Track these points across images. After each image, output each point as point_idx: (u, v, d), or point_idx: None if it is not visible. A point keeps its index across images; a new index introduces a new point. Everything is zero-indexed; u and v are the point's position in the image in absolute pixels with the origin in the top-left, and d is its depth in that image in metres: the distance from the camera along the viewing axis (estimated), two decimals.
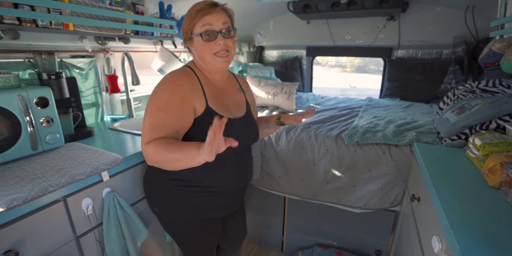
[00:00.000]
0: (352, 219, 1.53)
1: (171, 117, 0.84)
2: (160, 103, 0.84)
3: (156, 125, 0.83)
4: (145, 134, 0.84)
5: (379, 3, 2.03)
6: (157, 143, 0.81)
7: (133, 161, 1.11)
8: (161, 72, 1.75)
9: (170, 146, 0.79)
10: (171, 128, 0.84)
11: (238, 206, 1.15)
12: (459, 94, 1.57)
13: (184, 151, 0.77)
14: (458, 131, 1.22)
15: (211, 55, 0.87)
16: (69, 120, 1.20)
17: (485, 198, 0.77)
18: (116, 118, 1.57)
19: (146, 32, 1.55)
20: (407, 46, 2.38)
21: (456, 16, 2.05)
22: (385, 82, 2.51)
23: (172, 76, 0.89)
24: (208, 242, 1.10)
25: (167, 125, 0.84)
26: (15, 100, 0.90)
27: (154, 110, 0.84)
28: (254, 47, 2.89)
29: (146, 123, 0.85)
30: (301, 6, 2.28)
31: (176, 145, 0.79)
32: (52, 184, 0.80)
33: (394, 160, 1.32)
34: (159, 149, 0.79)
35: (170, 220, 1.04)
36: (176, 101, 0.84)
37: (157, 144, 0.81)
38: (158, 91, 0.86)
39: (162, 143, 0.80)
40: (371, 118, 1.70)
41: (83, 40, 1.33)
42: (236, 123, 0.94)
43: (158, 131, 0.83)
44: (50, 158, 0.96)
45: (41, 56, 1.16)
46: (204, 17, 0.83)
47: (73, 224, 0.90)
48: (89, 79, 1.47)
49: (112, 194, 1.01)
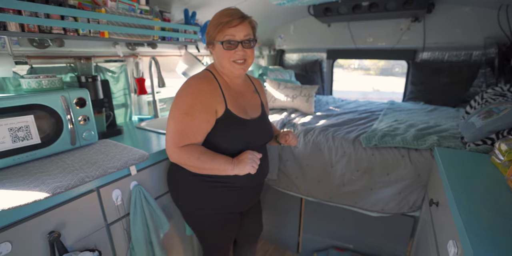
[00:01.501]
0: (369, 223, 1.51)
1: (196, 120, 0.90)
2: (185, 107, 0.90)
3: (183, 129, 0.90)
4: (174, 137, 0.91)
5: (402, 4, 1.99)
6: (190, 151, 0.90)
7: (158, 158, 1.19)
8: (185, 75, 1.85)
9: (202, 156, 0.90)
10: (198, 131, 0.92)
11: (256, 201, 1.21)
12: (488, 97, 1.50)
13: (215, 163, 0.90)
14: (483, 136, 1.18)
15: (229, 62, 0.94)
16: (102, 119, 1.31)
17: (507, 204, 0.75)
18: (143, 118, 1.68)
19: (172, 38, 1.65)
20: (433, 48, 2.30)
21: (487, 16, 1.96)
22: (408, 85, 2.44)
23: (193, 81, 0.95)
24: (226, 235, 1.16)
25: (194, 129, 0.91)
26: (59, 101, 1.02)
27: (180, 114, 0.90)
28: (274, 50, 2.93)
29: (173, 126, 0.91)
30: (322, 10, 2.29)
31: (208, 156, 0.90)
32: (88, 175, 0.89)
33: (414, 164, 1.29)
34: (191, 158, 0.90)
35: (191, 213, 1.11)
36: (199, 105, 0.90)
37: (189, 152, 0.90)
38: (182, 96, 0.93)
39: (195, 152, 0.90)
40: (392, 121, 1.67)
41: (115, 46, 1.45)
42: (252, 123, 1.01)
43: (187, 135, 0.91)
44: (86, 153, 1.07)
45: (80, 61, 1.29)
46: (229, 28, 0.89)
47: (104, 213, 1.00)
48: (120, 82, 1.59)
49: (139, 187, 1.10)
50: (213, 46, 0.96)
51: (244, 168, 0.91)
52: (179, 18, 1.81)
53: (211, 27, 0.94)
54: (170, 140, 0.92)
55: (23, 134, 0.94)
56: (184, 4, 1.76)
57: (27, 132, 0.95)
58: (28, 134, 0.95)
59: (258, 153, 0.95)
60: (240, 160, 0.92)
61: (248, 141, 0.99)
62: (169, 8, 1.71)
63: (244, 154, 0.93)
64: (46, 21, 1.05)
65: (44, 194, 0.76)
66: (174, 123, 0.91)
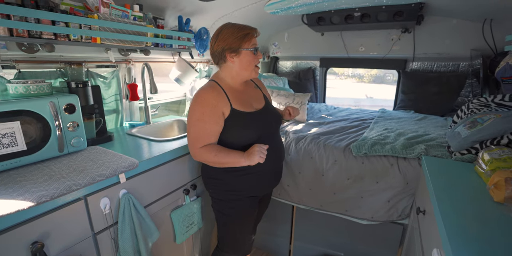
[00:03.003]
0: (360, 231, 1.52)
1: (208, 124, 1.08)
2: (197, 115, 1.08)
3: (199, 133, 1.09)
4: (193, 141, 1.11)
5: (392, 16, 2.05)
6: (208, 151, 1.09)
7: (148, 165, 1.18)
8: (178, 81, 1.85)
9: (219, 154, 1.09)
10: (211, 133, 1.10)
11: (276, 185, 1.36)
12: (474, 108, 1.55)
13: (230, 158, 1.10)
14: (468, 146, 1.21)
15: (253, 66, 1.15)
16: (92, 125, 1.30)
17: (489, 213, 0.77)
18: (134, 124, 1.67)
19: (166, 44, 1.65)
20: (423, 58, 2.36)
21: (473, 29, 2.03)
22: (399, 94, 2.49)
23: (200, 92, 1.12)
24: (248, 219, 1.28)
25: (207, 131, 1.09)
26: (47, 106, 1.00)
27: (194, 121, 1.09)
28: (268, 57, 2.97)
29: (191, 132, 1.10)
30: (315, 19, 2.33)
31: (224, 153, 1.10)
32: (76, 184, 0.88)
33: (402, 173, 1.31)
34: (210, 155, 1.09)
35: (219, 198, 1.25)
36: (208, 111, 1.07)
37: (207, 151, 1.09)
38: (193, 106, 1.10)
39: (212, 150, 1.09)
40: (382, 130, 1.70)
41: (108, 51, 1.45)
42: (260, 114, 1.19)
43: (202, 138, 1.09)
44: (74, 160, 1.05)
45: (71, 66, 1.28)
46: (253, 38, 1.12)
47: (91, 222, 0.97)
48: (111, 87, 1.58)
49: (128, 195, 1.08)
50: (236, 53, 1.10)
51: (254, 159, 1.09)
52: (173, 25, 1.82)
53: (235, 37, 1.08)
54: (191, 143, 1.12)
55: (8, 141, 0.92)
56: (178, 11, 1.78)
57: (12, 139, 0.93)
58: (14, 141, 0.93)
59: (264, 145, 1.12)
60: (249, 153, 1.10)
61: (259, 129, 1.16)
62: (163, 15, 1.72)
63: (252, 147, 1.11)
64: (36, 26, 1.04)
65: (28, 203, 0.75)
66: (191, 129, 1.10)
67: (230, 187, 1.20)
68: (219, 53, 1.11)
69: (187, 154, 1.38)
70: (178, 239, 1.37)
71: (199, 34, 1.96)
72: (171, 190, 1.32)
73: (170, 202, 1.33)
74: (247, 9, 2.04)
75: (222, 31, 1.09)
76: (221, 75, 1.18)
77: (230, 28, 1.09)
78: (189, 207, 1.41)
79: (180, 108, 2.22)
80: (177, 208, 1.36)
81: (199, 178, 1.48)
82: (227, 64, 1.13)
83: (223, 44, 1.08)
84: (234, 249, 1.32)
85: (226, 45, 1.08)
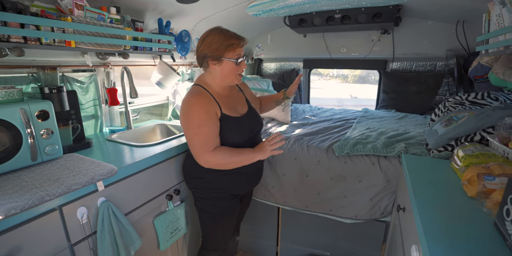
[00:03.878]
0: (345, 230, 1.54)
1: (211, 128, 1.09)
2: (197, 121, 1.07)
3: (205, 138, 1.09)
4: (202, 147, 1.09)
5: (372, 17, 2.10)
6: (221, 152, 1.10)
7: (129, 171, 1.15)
8: (160, 85, 1.82)
9: (232, 153, 1.12)
10: (215, 135, 1.11)
11: (257, 183, 1.39)
12: (450, 106, 1.60)
13: (244, 156, 1.14)
14: (444, 143, 1.25)
15: (235, 75, 1.15)
16: (69, 132, 1.25)
17: (463, 208, 0.80)
18: (114, 130, 1.62)
19: (145, 48, 1.62)
20: (402, 58, 2.44)
21: (447, 30, 2.11)
22: (381, 94, 2.56)
23: (192, 99, 1.11)
24: (230, 217, 1.30)
25: (212, 134, 1.10)
26: (18, 114, 0.96)
27: (196, 128, 1.08)
28: (252, 59, 2.97)
29: (196, 140, 1.09)
30: (297, 21, 2.36)
31: (235, 152, 1.13)
32: (49, 194, 0.84)
33: (383, 171, 1.34)
34: (225, 156, 1.11)
35: (201, 197, 1.27)
36: (206, 115, 1.08)
37: (221, 152, 1.10)
38: (189, 114, 1.09)
39: (225, 151, 1.11)
40: (364, 129, 1.73)
41: (84, 55, 1.40)
42: (245, 118, 1.22)
43: (211, 141, 1.10)
44: (49, 169, 1.01)
45: (44, 71, 1.23)
46: (239, 48, 1.11)
47: (67, 232, 0.94)
48: (89, 92, 1.54)
49: (107, 203, 1.05)
50: (218, 61, 1.10)
51: (266, 152, 1.15)
52: (153, 28, 1.79)
53: (218, 46, 1.08)
54: (200, 150, 1.10)
55: None
56: (158, 14, 1.75)
57: None
58: None
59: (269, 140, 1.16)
60: (260, 148, 1.16)
61: (245, 134, 1.20)
62: (142, 17, 1.69)
63: (261, 144, 1.17)
64: (2, 30, 0.99)
65: None
66: (196, 137, 1.09)
67: (213, 186, 1.22)
68: (202, 58, 1.13)
69: (170, 158, 1.35)
70: (162, 245, 1.34)
71: (180, 37, 1.94)
72: (153, 196, 1.29)
73: (153, 208, 1.30)
74: (229, 11, 2.04)
75: (208, 36, 1.09)
76: (206, 80, 1.18)
77: (217, 35, 1.08)
78: (172, 213, 1.38)
79: (163, 112, 2.19)
80: (160, 214, 1.33)
81: (182, 182, 1.46)
82: (210, 69, 1.14)
83: (206, 51, 1.09)
84: (218, 247, 1.36)
85: (209, 52, 1.09)
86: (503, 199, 0.66)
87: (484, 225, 0.71)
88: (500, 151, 1.00)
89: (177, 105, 2.05)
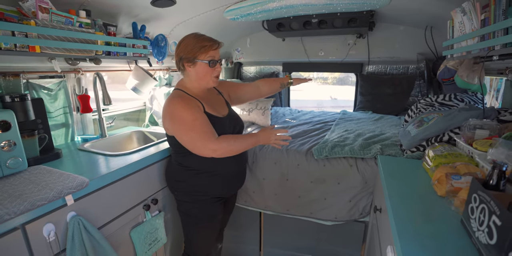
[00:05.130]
0: (326, 232, 1.55)
1: (204, 119, 1.12)
2: (189, 118, 1.09)
3: (203, 129, 1.10)
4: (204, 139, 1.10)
5: (347, 22, 2.16)
6: (225, 139, 1.13)
7: (101, 183, 1.09)
8: (136, 90, 1.76)
9: (236, 138, 1.17)
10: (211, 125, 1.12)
11: (239, 188, 1.40)
12: (421, 107, 1.68)
13: (248, 140, 1.18)
14: (417, 143, 1.30)
15: (211, 77, 1.18)
16: (34, 142, 1.17)
17: (434, 207, 0.83)
18: (87, 138, 1.55)
19: (119, 53, 1.56)
20: (376, 61, 2.53)
21: (417, 35, 2.22)
22: (358, 96, 2.63)
23: (174, 100, 1.13)
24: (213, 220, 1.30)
25: (208, 125, 1.12)
26: None
27: (190, 123, 1.09)
28: (232, 63, 2.96)
29: (194, 134, 1.10)
30: (275, 25, 2.38)
31: (239, 137, 1.19)
32: (9, 212, 0.78)
33: (361, 173, 1.37)
34: (231, 142, 1.14)
35: (185, 200, 1.27)
36: (194, 110, 1.11)
37: (225, 139, 1.13)
38: (177, 114, 1.10)
39: (229, 138, 1.15)
40: (342, 131, 1.77)
41: (52, 60, 1.33)
42: (225, 120, 1.24)
43: (209, 131, 1.11)
44: (10, 184, 0.94)
45: (5, 78, 1.15)
46: (212, 51, 1.14)
47: (32, 253, 0.87)
48: (58, 100, 1.46)
49: (78, 218, 0.99)
50: (193, 64, 1.14)
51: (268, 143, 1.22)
52: (127, 32, 1.73)
53: (188, 47, 1.12)
54: (203, 141, 1.10)
55: None
56: (133, 17, 1.70)
57: None
58: None
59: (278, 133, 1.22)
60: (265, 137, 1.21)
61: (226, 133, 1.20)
62: (115, 21, 1.63)
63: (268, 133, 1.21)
64: None
65: None
66: (193, 131, 1.10)
67: (196, 188, 1.23)
68: (178, 61, 1.17)
69: (147, 167, 1.31)
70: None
71: (156, 41, 1.89)
72: (129, 207, 1.24)
73: (129, 220, 1.24)
74: (206, 16, 2.02)
75: (184, 40, 1.15)
76: (185, 83, 1.22)
77: (192, 39, 1.14)
78: (150, 223, 1.33)
79: (140, 117, 2.12)
80: (137, 226, 1.28)
81: (161, 191, 1.41)
82: (186, 71, 1.18)
83: (181, 53, 1.14)
84: (200, 253, 1.35)
85: (184, 55, 1.14)
86: (468, 198, 0.69)
87: (453, 223, 0.74)
88: (466, 150, 1.05)
89: (154, 111, 1.99)
